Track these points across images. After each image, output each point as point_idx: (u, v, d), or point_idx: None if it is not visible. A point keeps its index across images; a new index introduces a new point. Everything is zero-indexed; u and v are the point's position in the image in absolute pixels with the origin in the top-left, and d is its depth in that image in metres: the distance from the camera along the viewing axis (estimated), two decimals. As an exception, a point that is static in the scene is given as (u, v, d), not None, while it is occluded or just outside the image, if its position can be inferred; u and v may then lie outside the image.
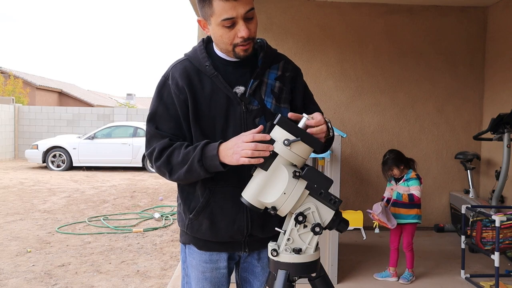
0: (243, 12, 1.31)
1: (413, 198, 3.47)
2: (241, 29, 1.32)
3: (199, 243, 1.50)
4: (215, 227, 1.43)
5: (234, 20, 1.31)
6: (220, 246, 1.49)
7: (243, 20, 1.32)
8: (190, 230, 1.48)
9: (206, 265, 1.50)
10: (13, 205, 7.12)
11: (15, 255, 4.53)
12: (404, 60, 5.35)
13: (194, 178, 1.37)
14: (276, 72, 1.48)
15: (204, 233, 1.46)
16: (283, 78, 1.48)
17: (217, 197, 1.42)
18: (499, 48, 5.12)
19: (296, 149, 1.22)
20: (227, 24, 1.32)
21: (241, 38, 1.34)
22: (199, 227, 1.45)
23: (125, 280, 3.84)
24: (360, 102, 5.33)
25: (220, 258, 1.51)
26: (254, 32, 1.37)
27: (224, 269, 1.52)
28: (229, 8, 1.29)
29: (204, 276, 1.51)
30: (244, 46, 1.36)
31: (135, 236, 5.37)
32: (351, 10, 5.27)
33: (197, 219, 1.45)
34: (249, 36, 1.34)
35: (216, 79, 1.40)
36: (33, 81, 22.07)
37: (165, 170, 1.39)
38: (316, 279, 1.30)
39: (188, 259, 1.55)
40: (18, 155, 15.27)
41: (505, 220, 3.30)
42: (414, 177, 3.52)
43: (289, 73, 1.51)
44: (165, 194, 8.41)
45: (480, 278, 3.62)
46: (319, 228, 1.24)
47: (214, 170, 1.33)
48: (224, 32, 1.34)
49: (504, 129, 4.29)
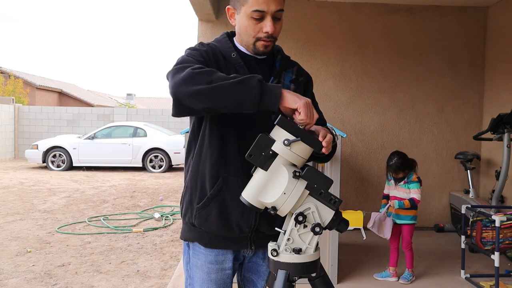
0: (274, 9, 1.37)
1: (414, 202, 3.48)
2: (268, 25, 1.37)
3: (204, 239, 1.47)
4: (224, 217, 1.42)
5: (263, 14, 1.36)
6: (227, 242, 1.47)
7: (271, 17, 1.37)
8: (197, 221, 1.44)
9: (211, 266, 1.48)
10: (13, 205, 7.12)
11: (15, 255, 4.53)
12: (404, 60, 5.35)
13: (238, 95, 1.21)
14: (291, 76, 1.53)
15: (212, 223, 1.43)
16: (297, 81, 1.53)
17: (230, 186, 1.41)
18: (499, 48, 5.12)
19: (296, 149, 1.22)
20: (256, 16, 1.37)
21: (265, 34, 1.39)
22: (207, 217, 1.43)
23: (125, 280, 3.84)
24: (360, 102, 5.33)
25: (226, 259, 1.49)
26: (277, 32, 1.42)
27: (229, 270, 1.50)
28: (262, 2, 1.35)
29: (209, 278, 1.49)
30: (266, 42, 1.41)
31: (135, 236, 5.37)
32: (351, 10, 5.27)
33: (206, 209, 1.42)
34: (273, 33, 1.39)
35: (240, 69, 1.43)
36: (33, 81, 22.08)
37: (205, 78, 1.22)
38: (316, 279, 1.30)
39: (193, 260, 1.52)
40: (18, 155, 15.27)
41: (505, 220, 3.30)
42: (415, 180, 3.52)
43: (303, 78, 1.56)
44: (165, 194, 8.41)
45: (480, 278, 3.62)
46: (319, 228, 1.24)
47: (269, 99, 1.22)
48: (250, 24, 1.39)
49: (504, 129, 4.29)
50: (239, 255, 1.52)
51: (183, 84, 1.23)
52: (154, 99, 39.27)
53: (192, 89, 1.21)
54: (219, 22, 5.12)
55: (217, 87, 1.21)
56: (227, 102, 1.22)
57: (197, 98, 1.23)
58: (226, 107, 1.24)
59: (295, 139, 1.21)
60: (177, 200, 7.79)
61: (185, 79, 1.23)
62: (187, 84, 1.22)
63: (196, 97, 1.23)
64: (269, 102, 1.23)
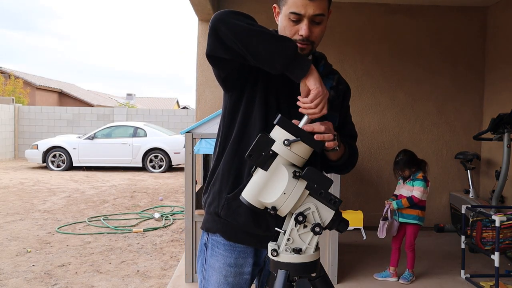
0: (312, 13, 1.34)
1: (412, 200, 3.48)
2: (303, 28, 1.35)
3: (228, 231, 1.42)
4: (254, 212, 1.33)
5: (300, 17, 1.34)
6: (250, 239, 1.43)
7: (309, 21, 1.35)
8: (224, 212, 1.40)
9: (230, 269, 1.44)
10: (13, 205, 7.12)
11: (15, 255, 4.53)
12: (404, 60, 5.35)
13: (271, 49, 1.23)
14: (331, 83, 1.51)
15: (239, 216, 1.38)
16: (337, 89, 1.51)
17: None
18: (499, 48, 5.12)
19: (296, 149, 1.22)
20: (293, 18, 1.35)
21: (300, 36, 1.36)
22: (237, 209, 1.38)
23: (125, 280, 3.84)
24: (360, 102, 5.33)
25: (246, 263, 1.45)
26: (315, 36, 1.38)
27: (248, 275, 1.46)
28: (300, 4, 1.33)
29: (226, 281, 1.44)
30: (302, 44, 1.37)
31: (135, 236, 5.37)
32: (351, 10, 5.27)
33: (236, 200, 1.35)
34: (308, 37, 1.36)
35: None
36: (33, 81, 22.09)
37: (248, 19, 1.26)
38: (316, 279, 1.30)
39: (210, 261, 1.47)
40: (18, 155, 15.27)
41: (505, 220, 3.30)
42: (420, 178, 3.53)
43: (342, 87, 1.55)
44: (165, 194, 8.41)
45: (480, 278, 3.62)
46: (319, 228, 1.24)
47: (296, 67, 1.24)
48: (288, 24, 1.37)
49: (504, 129, 4.29)
50: (259, 260, 1.48)
51: (226, 16, 1.26)
52: (154, 99, 39.26)
53: (233, 21, 1.24)
54: (219, 22, 5.11)
55: (257, 30, 1.24)
56: (260, 49, 1.24)
57: (234, 32, 1.23)
58: (257, 54, 1.24)
59: (295, 139, 1.21)
60: (177, 200, 7.79)
61: (229, 13, 1.26)
62: (230, 17, 1.25)
63: (233, 31, 1.23)
64: (296, 70, 1.25)
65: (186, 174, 3.46)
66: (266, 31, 1.25)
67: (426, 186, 3.51)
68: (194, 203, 3.44)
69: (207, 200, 1.47)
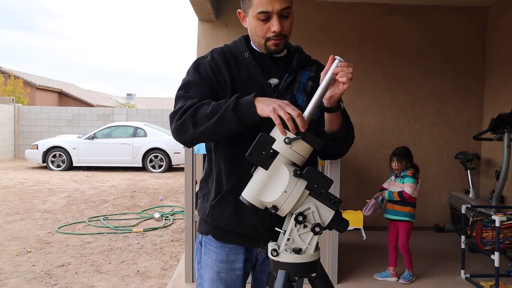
0: (279, 8, 1.38)
1: (402, 195, 3.50)
2: (274, 24, 1.39)
3: (218, 233, 1.48)
4: (238, 215, 1.42)
5: (269, 14, 1.38)
6: (240, 238, 1.47)
7: (278, 16, 1.39)
8: (211, 217, 1.46)
9: (221, 265, 1.48)
10: (13, 205, 7.12)
11: (15, 255, 4.53)
12: (404, 60, 5.35)
13: (223, 130, 1.30)
14: (309, 73, 1.53)
15: (225, 220, 1.44)
16: (316, 79, 1.52)
17: (244, 184, 1.36)
18: (499, 48, 5.12)
19: (296, 148, 1.22)
20: (262, 17, 1.39)
21: (273, 33, 1.40)
22: (221, 214, 1.44)
23: (125, 280, 3.84)
24: (360, 102, 5.33)
25: (237, 259, 1.49)
26: (287, 29, 1.43)
27: (240, 271, 1.50)
28: (266, 2, 1.37)
29: (218, 277, 1.49)
30: (276, 40, 1.42)
31: (135, 236, 5.37)
32: (351, 10, 5.27)
33: (220, 206, 1.44)
34: (281, 32, 1.40)
35: (253, 68, 1.46)
36: (33, 81, 22.08)
37: (190, 123, 1.31)
38: (316, 279, 1.30)
39: (204, 259, 1.52)
40: (18, 155, 15.27)
41: (505, 220, 3.30)
42: (409, 175, 3.57)
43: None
44: (165, 194, 8.41)
45: (480, 278, 3.62)
46: (319, 228, 1.24)
47: (248, 118, 1.27)
48: (258, 25, 1.41)
49: (504, 129, 4.30)
50: (251, 256, 1.51)
51: (176, 135, 1.38)
52: (154, 99, 39.28)
53: (185, 137, 1.35)
54: (219, 22, 5.12)
55: (203, 128, 1.30)
56: (216, 137, 1.36)
57: (192, 141, 1.38)
58: (219, 138, 1.38)
59: (296, 137, 1.21)
60: (177, 200, 7.79)
61: (176, 131, 1.36)
62: (178, 135, 1.37)
63: (191, 141, 1.37)
64: (246, 115, 1.27)
65: (186, 174, 3.47)
66: (210, 123, 1.28)
67: (416, 183, 3.56)
68: (194, 203, 3.44)
69: (198, 206, 1.56)
